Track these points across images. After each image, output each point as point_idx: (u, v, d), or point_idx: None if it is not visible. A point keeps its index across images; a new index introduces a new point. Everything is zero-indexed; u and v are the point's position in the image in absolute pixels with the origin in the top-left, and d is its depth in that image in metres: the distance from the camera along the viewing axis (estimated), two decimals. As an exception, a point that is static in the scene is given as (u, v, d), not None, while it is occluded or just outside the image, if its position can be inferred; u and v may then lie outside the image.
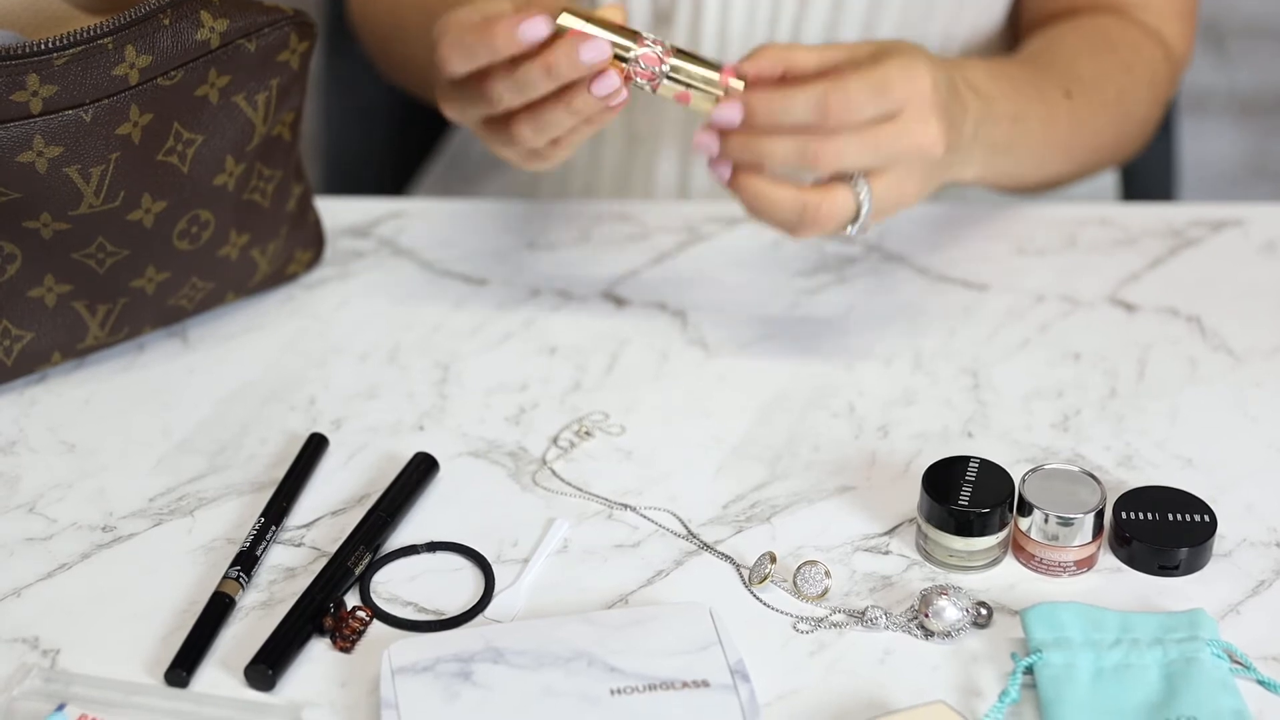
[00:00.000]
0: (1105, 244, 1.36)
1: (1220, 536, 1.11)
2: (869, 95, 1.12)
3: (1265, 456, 1.18)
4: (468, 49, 1.14)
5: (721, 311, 1.28)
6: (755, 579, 1.09)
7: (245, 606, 1.07)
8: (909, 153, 1.14)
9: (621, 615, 1.04)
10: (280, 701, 1.02)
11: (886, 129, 1.14)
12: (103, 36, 1.11)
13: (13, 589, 1.08)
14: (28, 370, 1.21)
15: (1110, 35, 1.38)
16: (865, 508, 1.14)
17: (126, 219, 1.17)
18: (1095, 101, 1.34)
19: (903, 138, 1.14)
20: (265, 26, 1.18)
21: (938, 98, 1.15)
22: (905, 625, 1.06)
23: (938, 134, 1.14)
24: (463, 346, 1.26)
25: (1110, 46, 1.38)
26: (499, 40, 1.12)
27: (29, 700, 1.00)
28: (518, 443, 1.18)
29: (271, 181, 1.24)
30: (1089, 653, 1.03)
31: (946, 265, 1.33)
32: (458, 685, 1.00)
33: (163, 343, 1.26)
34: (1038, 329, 1.28)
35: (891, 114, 1.14)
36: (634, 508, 1.14)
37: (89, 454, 1.17)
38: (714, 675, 1.00)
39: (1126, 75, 1.37)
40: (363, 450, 1.18)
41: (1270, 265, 1.35)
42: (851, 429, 1.20)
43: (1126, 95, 1.37)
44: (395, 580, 1.09)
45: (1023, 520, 1.09)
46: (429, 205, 1.41)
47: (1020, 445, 1.18)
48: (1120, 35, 1.39)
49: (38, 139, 1.12)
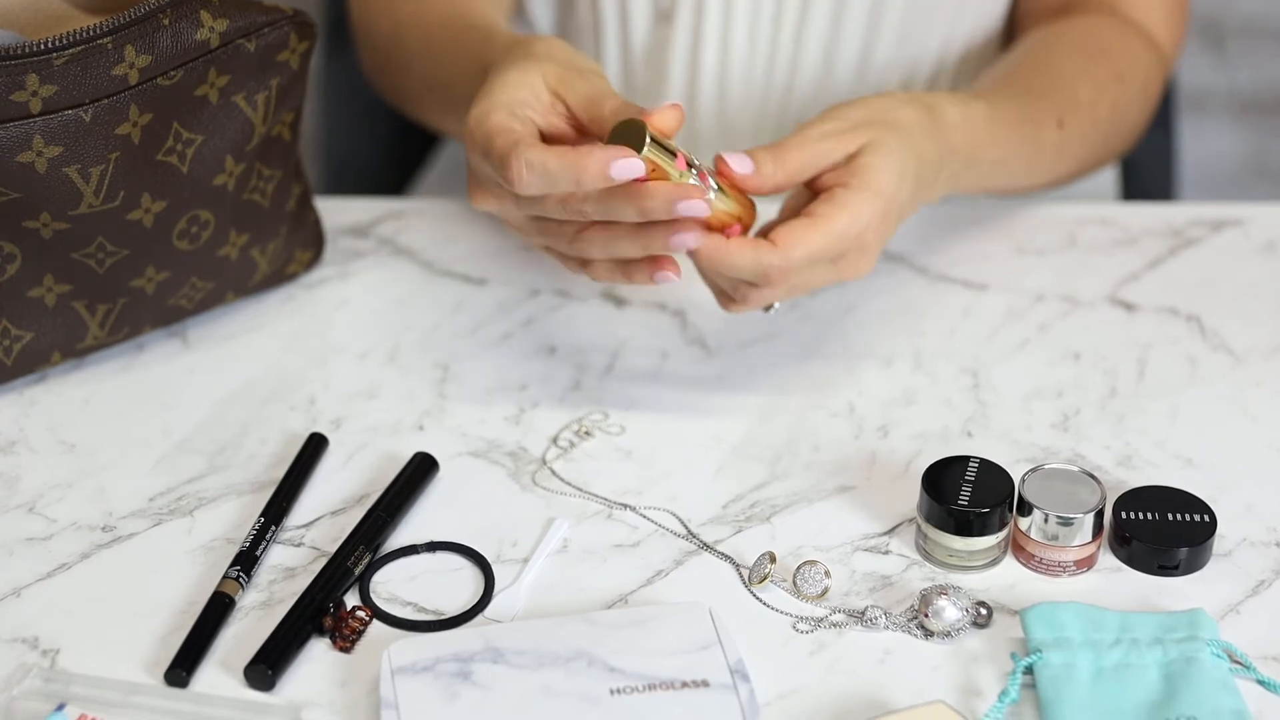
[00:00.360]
0: (1105, 244, 1.36)
1: (1220, 536, 1.11)
2: (810, 264, 1.13)
3: (1265, 456, 1.18)
4: (549, 176, 1.08)
5: (721, 311, 1.28)
6: (755, 579, 1.09)
7: (245, 606, 1.07)
8: (835, 281, 1.16)
9: (621, 615, 1.04)
10: (280, 701, 1.02)
11: (820, 272, 1.14)
12: (102, 36, 1.11)
13: (13, 589, 1.08)
14: (28, 370, 1.21)
15: (1103, 42, 1.38)
16: (865, 508, 1.14)
17: (126, 219, 1.17)
18: (1087, 123, 1.34)
19: (834, 276, 1.15)
20: (265, 26, 1.18)
21: (889, 213, 1.15)
22: (905, 625, 1.06)
23: (872, 262, 1.15)
24: (463, 346, 1.26)
25: (1104, 56, 1.37)
26: (588, 176, 1.08)
27: (29, 700, 1.00)
28: (517, 443, 1.18)
29: (271, 181, 1.24)
30: (1089, 653, 1.03)
31: (946, 265, 1.33)
32: (457, 685, 1.00)
33: (163, 343, 1.26)
34: (1038, 329, 1.28)
35: (834, 259, 1.14)
36: (634, 507, 1.14)
37: (89, 454, 1.17)
38: (714, 675, 1.00)
39: (1120, 86, 1.37)
40: (362, 450, 1.18)
41: (1270, 265, 1.35)
42: (851, 429, 1.20)
43: (1119, 107, 1.37)
44: (395, 580, 1.09)
45: (1022, 520, 1.09)
46: (429, 205, 1.41)
47: (1020, 445, 1.18)
48: (1113, 41, 1.38)
49: (37, 139, 1.12)
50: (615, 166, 1.07)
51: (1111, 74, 1.36)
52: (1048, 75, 1.33)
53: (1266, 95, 2.59)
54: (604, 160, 1.07)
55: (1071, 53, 1.36)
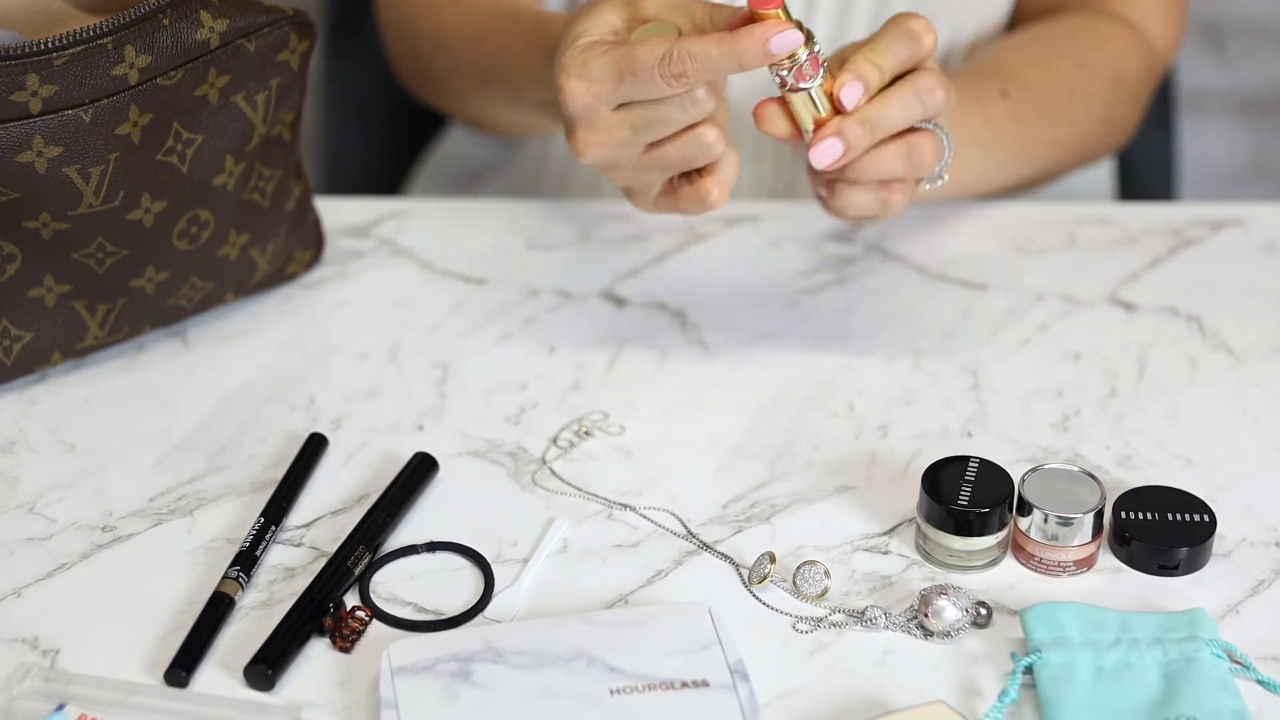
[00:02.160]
0: (1105, 244, 1.36)
1: (1220, 536, 1.11)
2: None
3: (1265, 456, 1.18)
4: (711, 61, 1.09)
5: (721, 311, 1.28)
6: (755, 579, 1.09)
7: (245, 606, 1.07)
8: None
9: (621, 615, 1.04)
10: (280, 701, 1.02)
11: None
12: (102, 36, 1.11)
13: (13, 589, 1.08)
14: (27, 370, 1.21)
15: (1068, 33, 1.39)
16: (865, 507, 1.14)
17: (126, 219, 1.17)
18: (1039, 99, 1.34)
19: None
20: (265, 26, 1.18)
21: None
22: (905, 625, 1.06)
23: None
24: (463, 346, 1.26)
25: (1065, 45, 1.38)
26: (750, 54, 1.09)
27: (29, 700, 1.00)
28: (517, 442, 1.18)
29: (271, 181, 1.24)
30: (1088, 653, 1.03)
31: (946, 265, 1.33)
32: (457, 685, 1.00)
33: (163, 343, 1.26)
34: (1037, 329, 1.28)
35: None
36: (634, 508, 1.14)
37: (89, 454, 1.17)
38: (714, 675, 1.00)
39: (1081, 73, 1.37)
40: (362, 450, 1.18)
41: (1270, 265, 1.35)
42: (851, 429, 1.20)
43: (1081, 93, 1.37)
44: (395, 580, 1.09)
45: (1022, 520, 1.09)
46: (429, 205, 1.41)
47: (1020, 445, 1.18)
48: (1079, 32, 1.39)
49: (37, 139, 1.12)
50: (774, 41, 1.09)
51: (1071, 62, 1.37)
52: (993, 61, 1.35)
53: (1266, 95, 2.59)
54: (763, 35, 1.09)
55: (1024, 42, 1.38)
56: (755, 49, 1.09)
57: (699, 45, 1.08)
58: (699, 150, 1.13)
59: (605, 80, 1.10)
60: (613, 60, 1.10)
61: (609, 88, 1.10)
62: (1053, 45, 1.38)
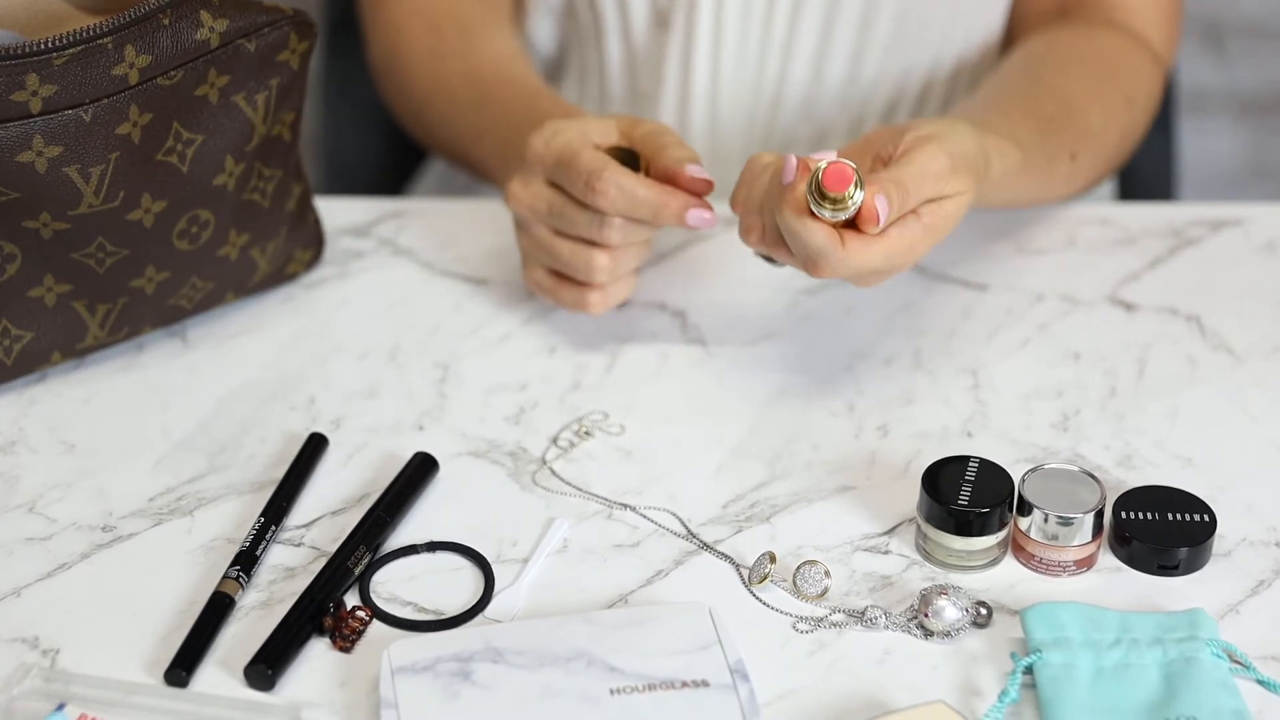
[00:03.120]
0: (1105, 244, 1.36)
1: (1220, 536, 1.11)
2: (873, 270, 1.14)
3: (1265, 456, 1.18)
4: (634, 201, 1.17)
5: (721, 311, 1.29)
6: (755, 579, 1.09)
7: (245, 606, 1.07)
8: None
9: (621, 615, 1.04)
10: (280, 701, 1.02)
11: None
12: (102, 36, 1.11)
13: (13, 589, 1.08)
14: (27, 370, 1.21)
15: (1111, 62, 1.37)
16: (865, 507, 1.14)
17: (126, 219, 1.17)
18: (1096, 150, 1.34)
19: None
20: (265, 26, 1.18)
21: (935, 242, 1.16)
22: (905, 625, 1.06)
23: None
24: (462, 346, 1.26)
25: (1114, 79, 1.37)
26: (668, 212, 1.17)
27: (29, 700, 1.00)
28: (517, 442, 1.19)
29: (271, 181, 1.24)
30: (1089, 652, 1.03)
31: (946, 265, 1.33)
32: (457, 685, 1.00)
33: (163, 343, 1.26)
34: (1037, 329, 1.28)
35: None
36: (634, 507, 1.14)
37: (89, 454, 1.17)
38: (714, 675, 1.00)
39: (1129, 110, 1.37)
40: (362, 450, 1.18)
41: (1270, 265, 1.35)
42: (851, 428, 1.20)
43: (1127, 131, 1.38)
44: (395, 580, 1.09)
45: (1022, 520, 1.09)
46: (429, 205, 1.41)
47: (1020, 445, 1.18)
48: (1121, 60, 1.38)
49: (37, 139, 1.12)
50: (691, 214, 1.18)
51: (1122, 98, 1.36)
52: (1064, 105, 1.32)
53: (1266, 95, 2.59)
54: (684, 204, 1.17)
55: (1084, 76, 1.35)
56: (673, 212, 1.18)
57: (630, 181, 1.17)
58: (583, 265, 1.20)
59: (552, 154, 1.19)
60: (566, 143, 1.19)
61: (550, 161, 1.19)
62: (1107, 81, 1.36)
